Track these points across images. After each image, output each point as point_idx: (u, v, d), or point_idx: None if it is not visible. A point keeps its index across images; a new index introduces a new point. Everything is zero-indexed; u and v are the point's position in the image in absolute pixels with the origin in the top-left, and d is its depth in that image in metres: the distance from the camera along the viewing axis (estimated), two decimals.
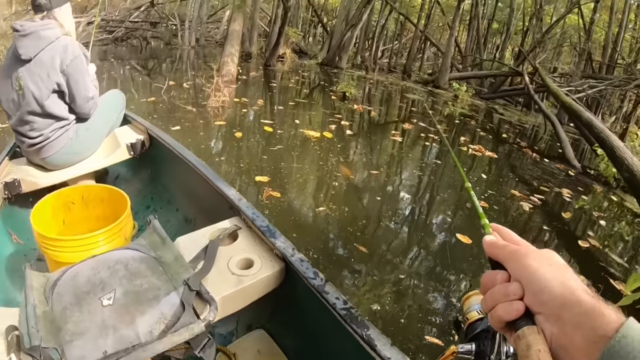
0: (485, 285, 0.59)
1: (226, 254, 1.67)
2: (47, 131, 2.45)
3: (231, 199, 2.02)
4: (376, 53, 21.74)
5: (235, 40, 10.44)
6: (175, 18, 18.09)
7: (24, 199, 2.58)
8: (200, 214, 2.57)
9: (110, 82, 8.99)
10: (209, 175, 2.29)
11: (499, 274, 0.58)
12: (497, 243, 0.63)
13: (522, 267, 0.55)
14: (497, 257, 0.60)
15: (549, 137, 10.49)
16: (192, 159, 2.49)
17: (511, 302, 0.54)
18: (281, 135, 6.21)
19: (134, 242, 1.63)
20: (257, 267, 1.63)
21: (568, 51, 22.55)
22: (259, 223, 1.81)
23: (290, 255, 1.65)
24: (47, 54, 2.31)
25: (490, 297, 0.57)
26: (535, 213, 4.99)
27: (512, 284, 0.55)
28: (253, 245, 1.77)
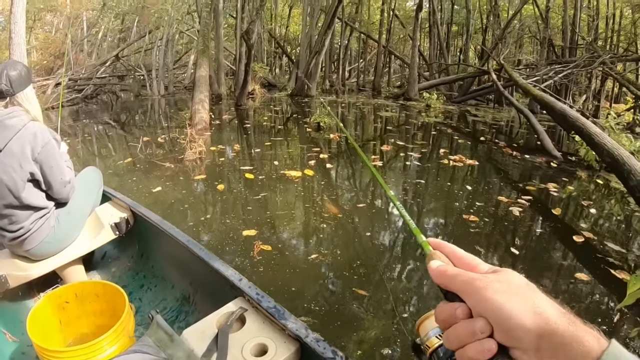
0: (443, 320, 0.55)
1: (237, 341, 1.61)
2: (27, 223, 2.35)
3: (231, 280, 1.96)
4: (343, 75, 21.99)
5: (204, 85, 10.50)
6: (142, 68, 18.18)
7: (13, 292, 2.51)
8: (199, 291, 2.51)
9: (85, 143, 8.98)
10: (201, 254, 2.23)
11: (459, 309, 0.53)
12: (447, 272, 0.57)
13: (484, 302, 0.50)
14: (450, 288, 0.55)
15: (525, 130, 10.61)
16: (181, 238, 2.43)
17: (481, 341, 0.50)
18: (262, 181, 6.17)
19: (139, 342, 1.60)
20: (272, 352, 1.56)
21: (529, 41, 22.92)
22: (266, 304, 1.75)
23: (305, 337, 1.57)
24: (17, 144, 2.21)
25: (455, 338, 0.52)
26: (526, 216, 5.00)
27: (477, 321, 0.51)
28: (263, 328, 1.69)
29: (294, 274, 3.70)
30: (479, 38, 21.71)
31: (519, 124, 11.50)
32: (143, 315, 2.55)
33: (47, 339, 2.03)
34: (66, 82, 14.96)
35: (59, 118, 3.87)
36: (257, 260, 3.86)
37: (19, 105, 2.34)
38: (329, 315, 3.18)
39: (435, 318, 0.57)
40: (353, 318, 3.16)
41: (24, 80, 2.36)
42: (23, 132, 2.24)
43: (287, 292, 3.42)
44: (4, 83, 2.26)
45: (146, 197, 5.39)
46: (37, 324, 1.96)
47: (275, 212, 5.04)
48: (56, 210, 2.52)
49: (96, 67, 17.46)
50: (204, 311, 2.40)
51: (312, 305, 3.26)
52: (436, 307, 0.57)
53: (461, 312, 0.52)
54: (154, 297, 2.75)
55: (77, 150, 8.18)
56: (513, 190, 5.97)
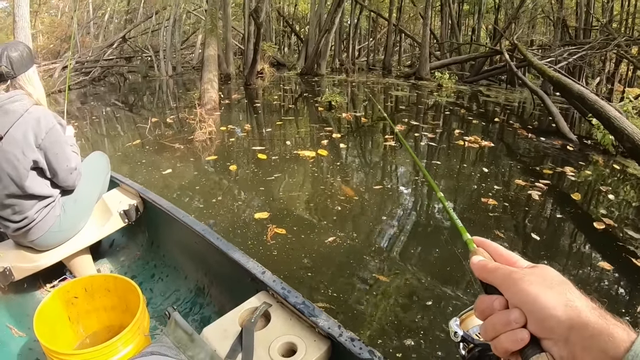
0: (482, 312, 0.57)
1: (263, 340, 1.49)
2: (32, 213, 2.22)
3: (253, 273, 1.83)
4: (353, 54, 21.72)
5: (212, 65, 10.35)
6: (149, 49, 18.05)
7: (18, 285, 2.40)
8: (215, 283, 2.39)
9: (93, 126, 8.90)
10: (219, 244, 2.09)
11: (496, 300, 0.55)
12: (487, 266, 0.59)
13: (520, 294, 0.52)
14: (489, 281, 0.57)
15: (538, 112, 10.39)
16: (196, 226, 2.30)
17: (515, 331, 0.52)
18: (275, 162, 6.03)
19: (156, 342, 1.47)
20: (302, 351, 1.45)
21: (542, 22, 22.54)
22: (293, 300, 1.62)
23: (339, 335, 1.46)
24: (19, 130, 2.07)
25: (490, 327, 0.54)
26: (545, 201, 4.85)
27: (512, 311, 0.52)
28: (290, 325, 1.57)
29: (310, 259, 3.57)
30: (491, 17, 21.37)
31: (532, 106, 11.23)
32: (155, 307, 2.44)
33: (56, 338, 1.91)
34: (73, 65, 14.87)
35: (65, 101, 3.73)
36: (271, 244, 3.74)
37: (20, 88, 2.18)
38: (349, 302, 3.05)
39: (474, 310, 0.58)
40: (374, 306, 3.04)
41: (25, 62, 2.20)
42: (26, 117, 2.10)
43: (303, 277, 3.30)
44: (4, 65, 2.10)
45: (156, 179, 5.29)
46: (44, 322, 1.83)
47: (289, 194, 4.92)
48: (62, 199, 2.38)
49: (103, 49, 17.31)
50: (221, 304, 2.30)
51: (329, 291, 3.14)
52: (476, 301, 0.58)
53: (498, 304, 0.54)
54: (165, 288, 2.64)
55: (85, 133, 8.08)
56: (530, 173, 5.78)
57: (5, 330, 2.15)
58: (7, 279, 2.24)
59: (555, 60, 11.81)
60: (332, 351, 1.49)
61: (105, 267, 2.89)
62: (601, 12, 16.59)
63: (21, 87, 2.19)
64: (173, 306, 1.57)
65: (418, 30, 24.65)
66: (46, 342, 1.65)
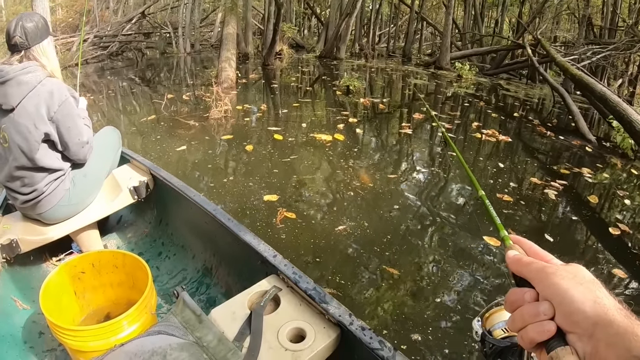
0: (512, 303, 0.58)
1: (272, 324, 1.47)
2: (41, 185, 2.21)
3: (264, 256, 1.80)
4: (373, 39, 21.52)
5: (231, 43, 10.29)
6: (168, 26, 18.01)
7: (24, 257, 2.39)
8: (223, 264, 2.36)
9: (109, 99, 8.89)
10: (230, 225, 2.06)
11: (527, 293, 0.56)
12: (522, 260, 0.60)
13: (551, 287, 0.53)
14: (523, 274, 0.58)
15: (558, 110, 10.21)
16: (207, 206, 2.28)
17: (542, 322, 0.52)
18: (292, 144, 5.96)
19: (163, 321, 1.44)
20: (311, 337, 1.43)
21: (567, 18, 22.17)
22: (304, 285, 1.60)
23: (349, 323, 1.44)
24: (31, 102, 2.05)
25: (519, 317, 0.55)
26: (561, 201, 4.75)
27: (542, 303, 0.53)
28: (300, 310, 1.56)
29: (319, 245, 3.52)
30: (515, 10, 20.99)
31: (552, 103, 11.01)
32: (161, 286, 2.43)
33: (61, 312, 1.89)
34: (91, 39, 14.88)
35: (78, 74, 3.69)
36: (280, 227, 3.69)
37: (34, 59, 2.16)
38: (355, 292, 3.00)
39: (505, 302, 0.59)
40: (382, 298, 2.98)
41: (40, 33, 2.17)
42: (39, 89, 2.08)
43: (309, 263, 3.26)
44: (19, 35, 2.08)
45: (169, 156, 5.26)
46: (50, 296, 1.81)
47: (302, 177, 4.86)
48: (72, 172, 2.37)
49: (122, 24, 17.25)
50: (228, 285, 2.28)
51: (337, 278, 3.09)
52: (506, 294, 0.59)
53: (529, 296, 0.55)
54: (172, 266, 2.62)
55: (101, 106, 8.07)
56: (547, 171, 5.65)
57: (10, 302, 2.13)
58: (13, 251, 2.22)
59: (578, 58, 11.57)
60: (342, 339, 1.48)
61: (112, 243, 2.88)
62: (627, 12, 16.25)
63: (35, 59, 2.17)
64: (182, 285, 1.55)
65: (440, 19, 24.42)
66: (51, 316, 1.63)
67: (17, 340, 1.96)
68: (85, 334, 1.62)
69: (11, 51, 2.16)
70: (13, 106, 2.05)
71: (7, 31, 2.12)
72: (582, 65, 10.53)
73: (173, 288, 2.24)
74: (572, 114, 8.12)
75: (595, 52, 12.01)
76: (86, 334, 1.62)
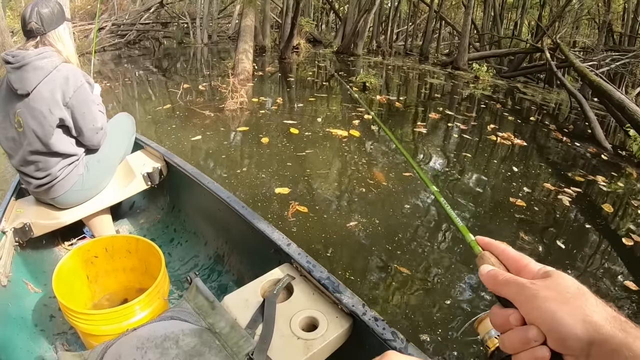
0: (498, 326, 0.56)
1: (285, 313, 1.47)
2: (55, 170, 2.22)
3: (278, 245, 1.80)
4: (391, 37, 21.43)
5: (248, 36, 10.28)
6: (186, 16, 18.06)
7: (37, 241, 2.40)
8: (235, 251, 2.37)
9: (125, 87, 8.92)
10: (244, 212, 2.06)
11: (512, 315, 0.53)
12: (498, 278, 0.57)
13: (536, 312, 0.51)
14: (502, 294, 0.56)
15: (575, 116, 10.10)
16: (221, 193, 2.28)
17: (534, 349, 0.50)
18: (308, 138, 5.94)
19: (176, 307, 1.45)
20: (324, 327, 1.43)
21: (587, 24, 21.93)
22: (318, 274, 1.59)
23: (362, 314, 1.43)
24: (47, 88, 2.06)
25: (509, 344, 0.53)
26: (575, 208, 4.68)
27: (530, 329, 0.51)
28: (313, 299, 1.56)
29: (330, 240, 3.50)
30: (535, 13, 20.79)
31: (569, 108, 10.88)
32: (172, 272, 2.44)
33: (73, 296, 1.89)
34: (109, 27, 14.95)
35: (92, 60, 3.69)
36: (291, 221, 3.68)
37: (50, 45, 2.16)
38: (365, 288, 2.98)
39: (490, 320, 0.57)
40: (391, 296, 2.97)
41: (56, 18, 2.17)
42: (54, 74, 2.08)
43: (320, 257, 3.23)
44: (34, 20, 2.08)
45: (183, 145, 5.27)
46: (63, 279, 1.81)
47: (316, 171, 4.83)
48: (85, 157, 2.38)
49: (140, 12, 17.33)
50: (239, 273, 2.28)
51: (347, 274, 3.08)
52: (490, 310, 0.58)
53: (514, 319, 0.53)
54: (184, 253, 2.63)
55: (117, 94, 8.11)
56: (561, 178, 5.55)
57: (22, 285, 2.14)
58: (26, 235, 2.23)
59: (597, 64, 11.46)
60: (354, 329, 1.47)
61: (124, 229, 2.89)
62: None
63: (51, 44, 2.17)
64: (195, 272, 1.55)
65: (459, 19, 24.24)
66: (63, 299, 1.63)
67: (28, 323, 1.97)
68: (98, 318, 1.62)
69: (27, 37, 2.16)
70: (28, 91, 2.05)
71: (23, 17, 2.12)
72: (600, 72, 10.42)
73: (184, 275, 2.26)
74: (588, 121, 8.02)
75: (614, 59, 11.92)
76: (99, 318, 1.62)
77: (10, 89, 2.10)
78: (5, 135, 2.19)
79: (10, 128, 2.15)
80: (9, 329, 1.83)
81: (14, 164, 2.26)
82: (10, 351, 1.75)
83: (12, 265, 2.14)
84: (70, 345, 1.96)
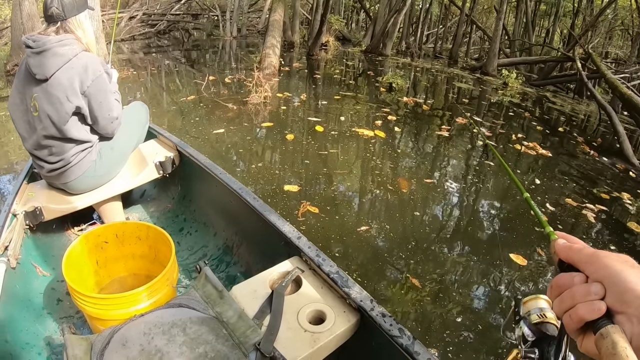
0: (560, 287, 0.58)
1: (293, 305, 1.49)
2: (68, 155, 2.24)
3: (288, 237, 1.80)
4: (421, 38, 21.29)
5: (276, 30, 10.28)
6: (216, 9, 18.15)
7: (47, 226, 2.43)
8: (245, 243, 2.38)
9: (153, 76, 8.99)
10: (255, 205, 2.07)
11: (577, 276, 0.57)
12: (573, 246, 0.61)
13: (604, 268, 0.54)
14: (573, 260, 0.60)
15: (604, 129, 9.88)
16: (233, 184, 2.28)
17: (593, 301, 0.53)
18: (333, 137, 5.89)
19: (185, 294, 1.48)
20: (331, 320, 1.44)
21: (620, 35, 21.54)
22: (327, 268, 1.60)
23: (370, 309, 1.44)
24: (65, 75, 2.07)
25: (569, 297, 0.56)
26: (600, 225, 4.55)
27: (593, 284, 0.54)
28: (322, 293, 1.57)
29: (339, 243, 3.46)
30: (568, 21, 20.49)
31: (598, 121, 10.60)
32: (180, 261, 2.44)
33: (82, 281, 1.90)
34: (140, 16, 15.12)
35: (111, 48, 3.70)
36: (301, 220, 3.64)
37: (70, 32, 2.17)
38: (374, 295, 2.94)
39: (550, 287, 0.60)
40: (400, 306, 2.91)
41: (78, 5, 2.17)
42: (73, 62, 2.09)
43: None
44: (55, 6, 2.09)
45: (205, 138, 5.29)
46: (72, 263, 1.82)
47: (334, 171, 4.79)
48: (99, 144, 2.39)
49: (171, 3, 17.53)
50: (248, 264, 2.29)
51: (354, 276, 3.05)
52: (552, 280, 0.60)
53: (579, 279, 0.56)
54: (193, 242, 2.65)
55: (143, 82, 8.19)
56: (586, 193, 5.38)
57: (30, 268, 2.17)
58: (37, 219, 2.26)
59: (629, 77, 11.24)
60: (361, 324, 1.49)
61: (134, 216, 2.92)
62: None
63: (71, 31, 2.18)
64: (204, 260, 1.57)
65: (490, 24, 24.00)
66: (72, 283, 1.64)
67: (35, 305, 2.00)
68: (107, 302, 1.63)
69: (47, 22, 2.17)
70: (47, 76, 2.07)
71: (45, 1, 2.13)
72: (632, 85, 10.22)
73: (193, 264, 2.29)
74: (617, 135, 7.82)
75: None
76: (108, 302, 1.63)
77: (28, 73, 2.11)
78: (20, 118, 2.21)
79: (26, 111, 2.17)
80: (16, 311, 1.85)
81: (28, 147, 2.28)
82: (17, 332, 1.77)
83: (22, 248, 2.16)
84: (77, 329, 1.98)
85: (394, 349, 1.34)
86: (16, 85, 2.20)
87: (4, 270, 1.83)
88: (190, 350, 1.21)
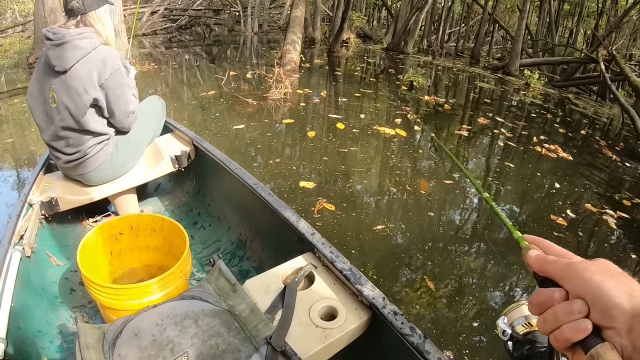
0: (540, 304, 0.55)
1: (305, 301, 1.50)
2: (85, 147, 2.27)
3: (302, 233, 1.80)
4: (443, 37, 21.10)
5: (297, 27, 10.28)
6: (238, 5, 18.24)
7: (62, 216, 2.45)
8: (258, 238, 2.39)
9: (174, 70, 9.06)
10: (270, 200, 2.08)
11: (556, 292, 0.54)
12: (547, 258, 0.59)
13: (583, 283, 0.51)
14: (548, 273, 0.57)
15: (626, 132, 9.70)
16: (248, 180, 2.29)
17: (578, 321, 0.50)
18: (354, 134, 5.86)
19: (198, 287, 1.49)
20: (342, 317, 1.45)
21: None
22: (340, 265, 1.60)
23: (382, 307, 1.44)
24: (84, 67, 2.10)
25: (552, 318, 0.53)
26: (620, 233, 4.42)
27: (575, 301, 0.51)
28: (334, 290, 1.57)
29: (355, 241, 3.43)
30: (591, 22, 20.17)
31: (620, 124, 10.42)
32: (194, 255, 2.46)
33: (96, 270, 1.93)
34: (162, 11, 15.25)
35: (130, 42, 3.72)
36: (317, 217, 3.63)
37: (90, 25, 2.20)
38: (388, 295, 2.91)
39: (529, 303, 0.57)
40: (413, 307, 2.87)
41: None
42: (93, 55, 2.12)
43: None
44: (76, 0, 2.11)
45: (225, 134, 5.31)
46: (87, 254, 1.85)
47: (352, 169, 4.76)
48: (115, 137, 2.43)
49: None
50: (260, 260, 2.29)
51: (370, 277, 3.01)
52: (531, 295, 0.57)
53: (559, 296, 0.53)
54: (206, 236, 2.67)
55: (164, 76, 8.26)
56: (606, 199, 5.24)
57: (45, 257, 2.20)
58: (52, 209, 2.29)
59: None
60: (373, 322, 1.49)
61: (149, 209, 2.95)
62: None
63: (91, 24, 2.21)
64: (218, 254, 1.57)
65: (513, 23, 23.76)
66: (87, 272, 1.66)
67: (49, 294, 2.03)
68: (121, 293, 1.66)
69: (67, 15, 2.20)
70: (66, 69, 2.10)
71: None
72: None
73: (206, 257, 2.32)
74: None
75: None
76: (122, 293, 1.66)
77: (48, 65, 2.14)
78: (39, 109, 2.24)
79: (45, 102, 2.20)
80: (30, 299, 1.88)
81: (45, 138, 2.31)
82: (30, 320, 1.79)
83: (37, 237, 2.19)
84: (90, 318, 2.01)
85: (405, 347, 1.34)
86: (35, 77, 2.24)
87: (19, 258, 1.85)
88: (202, 342, 1.23)
